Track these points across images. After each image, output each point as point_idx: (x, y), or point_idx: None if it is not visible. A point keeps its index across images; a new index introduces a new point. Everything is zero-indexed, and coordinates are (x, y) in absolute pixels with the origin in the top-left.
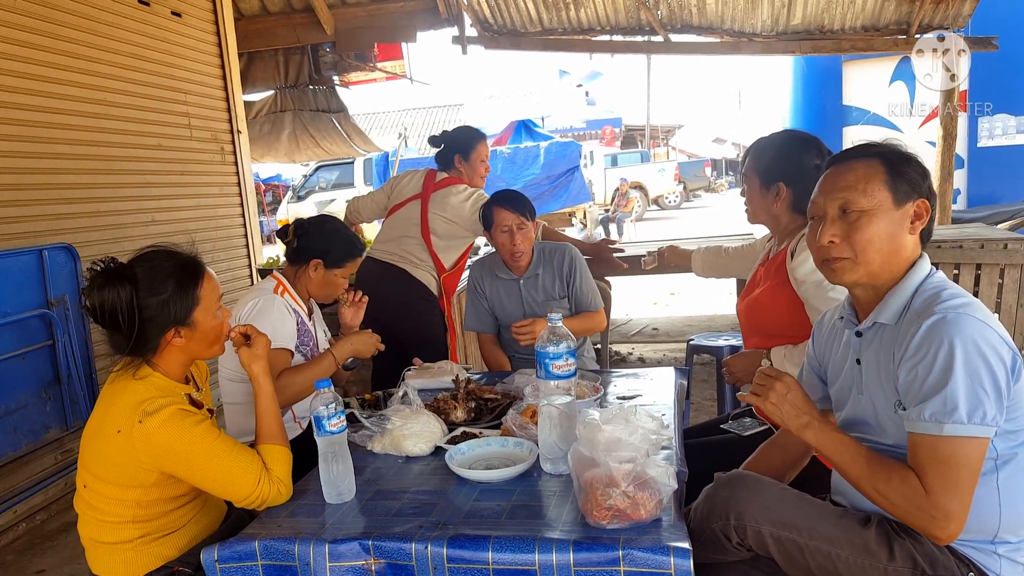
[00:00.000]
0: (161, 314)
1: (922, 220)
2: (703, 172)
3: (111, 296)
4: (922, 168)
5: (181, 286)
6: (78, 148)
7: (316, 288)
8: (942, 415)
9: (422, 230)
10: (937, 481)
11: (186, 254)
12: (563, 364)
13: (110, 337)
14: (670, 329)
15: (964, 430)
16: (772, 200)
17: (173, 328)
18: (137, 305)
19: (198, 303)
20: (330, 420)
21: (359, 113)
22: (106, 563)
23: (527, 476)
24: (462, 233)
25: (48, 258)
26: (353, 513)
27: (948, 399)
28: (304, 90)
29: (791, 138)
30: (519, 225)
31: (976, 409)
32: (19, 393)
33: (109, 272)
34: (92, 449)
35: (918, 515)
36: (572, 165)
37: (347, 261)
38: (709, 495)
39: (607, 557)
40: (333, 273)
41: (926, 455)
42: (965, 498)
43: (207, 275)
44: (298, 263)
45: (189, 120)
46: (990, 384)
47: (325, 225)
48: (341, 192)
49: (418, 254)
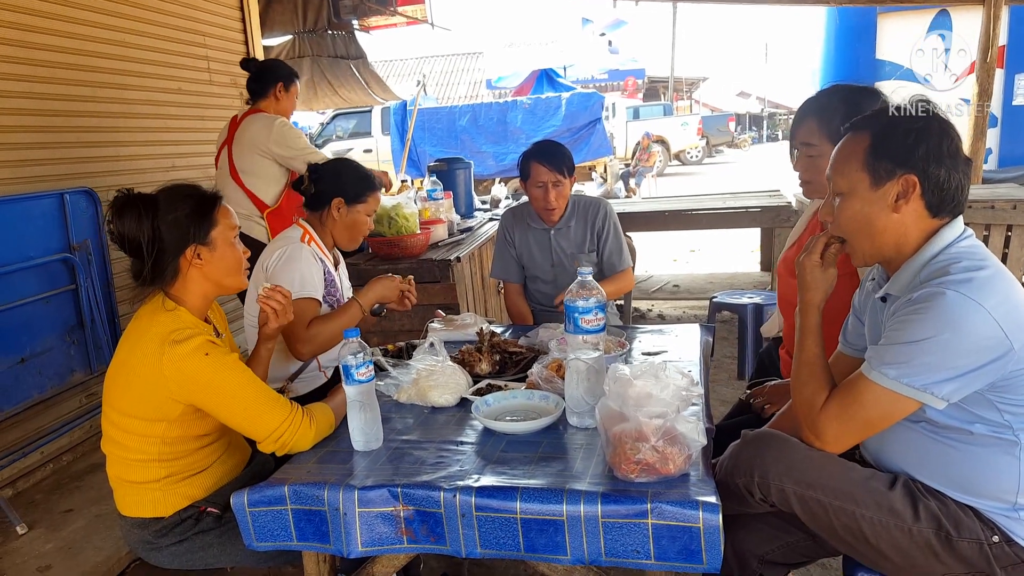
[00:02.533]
0: (180, 229)
1: (907, 197)
2: (727, 127)
3: (132, 216)
4: (914, 136)
5: (199, 205)
6: (98, 91)
7: (341, 231)
8: (876, 360)
9: (232, 173)
10: (835, 405)
11: (203, 187)
12: (593, 319)
13: (132, 266)
14: (691, 286)
15: (884, 381)
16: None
17: (193, 246)
18: (157, 223)
19: (216, 224)
20: (358, 369)
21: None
22: (134, 502)
23: (553, 429)
24: (264, 161)
25: (69, 202)
26: (381, 461)
27: (893, 351)
28: (323, 35)
29: (853, 90)
30: (555, 182)
31: (912, 374)
32: (44, 336)
33: (130, 197)
34: (118, 382)
35: (804, 420)
36: (594, 117)
37: (367, 194)
38: (734, 452)
39: (635, 510)
40: (356, 211)
41: (849, 383)
42: (847, 431)
43: (224, 205)
44: (319, 208)
45: (208, 64)
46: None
47: (338, 165)
48: (358, 141)
49: (238, 201)
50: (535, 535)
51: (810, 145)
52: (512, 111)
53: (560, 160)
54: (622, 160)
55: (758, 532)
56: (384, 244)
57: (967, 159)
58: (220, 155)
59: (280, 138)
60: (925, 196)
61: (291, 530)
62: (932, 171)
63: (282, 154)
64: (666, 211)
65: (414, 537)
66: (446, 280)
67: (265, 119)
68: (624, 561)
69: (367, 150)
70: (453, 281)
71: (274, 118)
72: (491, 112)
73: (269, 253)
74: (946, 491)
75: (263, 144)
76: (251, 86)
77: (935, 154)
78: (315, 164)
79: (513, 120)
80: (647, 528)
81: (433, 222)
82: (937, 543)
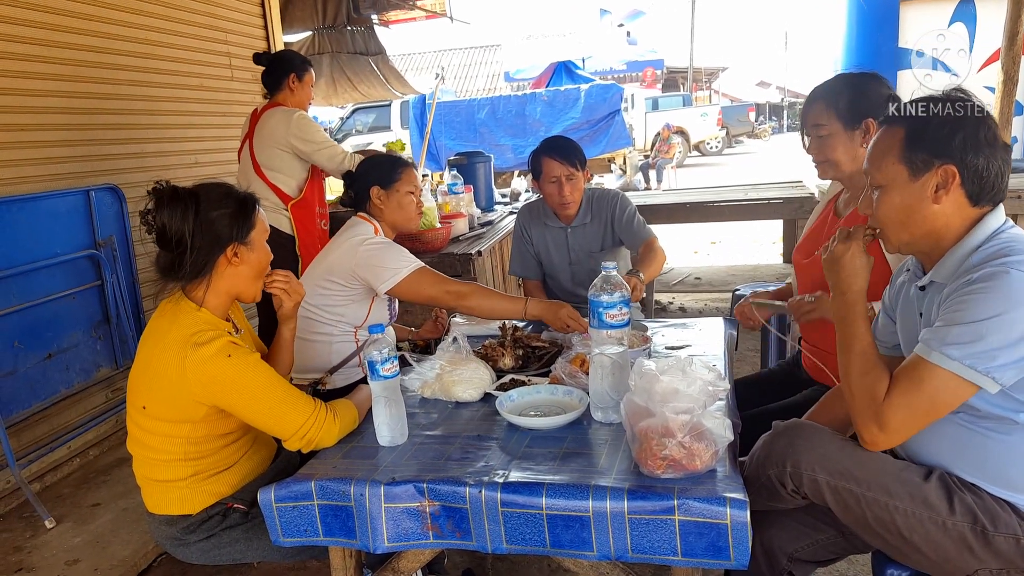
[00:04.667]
0: (224, 228)
1: (947, 188)
2: (747, 117)
3: (177, 209)
4: (950, 127)
5: (242, 205)
6: (122, 89)
7: (392, 215)
8: (936, 341)
9: (254, 167)
10: (898, 393)
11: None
12: (617, 313)
13: (166, 260)
14: (712, 278)
15: (947, 364)
16: (861, 140)
17: (234, 244)
18: (200, 218)
19: (255, 225)
20: (384, 365)
21: (396, 54)
22: (161, 501)
23: (578, 424)
24: (285, 156)
25: (95, 199)
26: (407, 456)
27: (955, 332)
28: (342, 31)
29: (859, 75)
30: (568, 176)
31: (977, 355)
32: (70, 332)
33: (174, 190)
34: (142, 385)
35: (865, 413)
36: (613, 109)
37: (399, 171)
38: (767, 442)
39: (662, 506)
40: (395, 190)
41: (907, 369)
42: (911, 420)
43: (259, 207)
44: (365, 203)
45: (230, 60)
46: (1013, 343)
47: (364, 162)
48: (378, 135)
49: (262, 194)
50: (561, 531)
51: (819, 126)
52: (531, 104)
53: (572, 153)
54: (641, 152)
55: (788, 529)
56: (405, 239)
57: (1006, 146)
58: (242, 149)
59: (299, 132)
60: (965, 185)
61: (317, 525)
62: (970, 160)
63: (302, 148)
64: (687, 203)
65: (440, 532)
66: (467, 274)
67: (283, 113)
68: (651, 558)
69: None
70: (474, 275)
71: (292, 112)
72: (510, 105)
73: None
74: (982, 484)
75: (282, 139)
76: (265, 80)
77: (972, 143)
78: (347, 171)
79: (532, 113)
80: (674, 524)
81: (454, 216)
82: (972, 537)
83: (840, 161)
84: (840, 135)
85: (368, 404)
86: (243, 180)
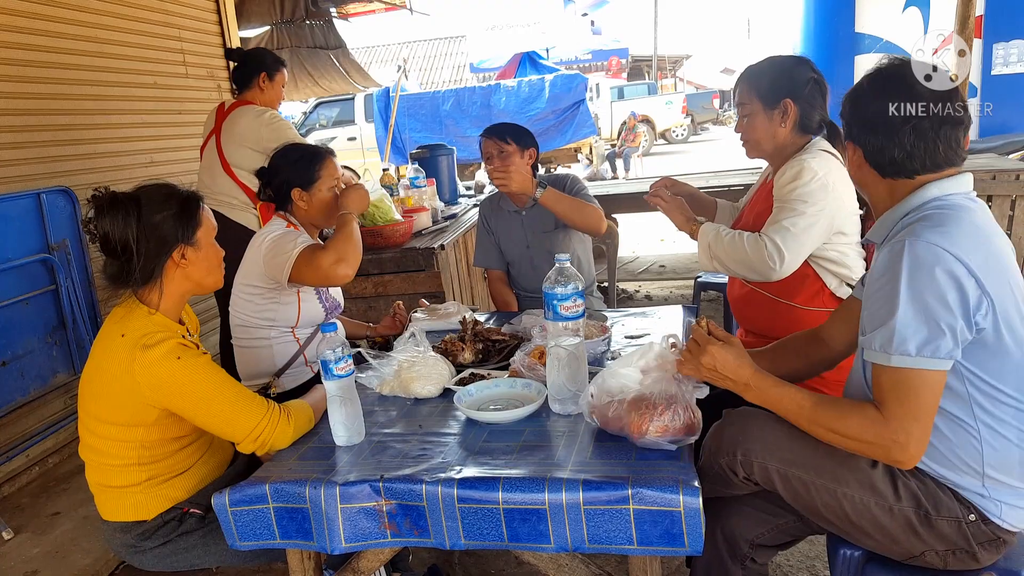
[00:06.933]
0: (168, 231)
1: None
2: (711, 104)
3: (117, 216)
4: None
5: (184, 205)
6: (73, 88)
7: (317, 214)
8: (889, 345)
9: (223, 164)
10: (896, 408)
11: (181, 187)
12: (572, 305)
13: (114, 267)
14: (677, 266)
15: (912, 362)
16: (780, 120)
17: (180, 246)
18: (143, 224)
19: (200, 223)
20: (338, 364)
21: (357, 47)
22: (116, 507)
23: (536, 417)
24: (255, 155)
25: (47, 202)
26: (363, 455)
27: (896, 329)
28: (301, 25)
29: (782, 58)
30: (499, 152)
31: (926, 343)
32: (25, 338)
33: (113, 197)
34: (93, 390)
35: (878, 443)
36: (578, 98)
37: (318, 168)
38: (717, 431)
39: (616, 496)
40: (317, 190)
41: (885, 384)
42: (925, 422)
43: (203, 205)
44: (287, 204)
45: (184, 57)
46: (942, 315)
47: (276, 160)
48: (342, 129)
49: (231, 192)
50: (518, 525)
51: (743, 105)
52: (496, 95)
53: (502, 131)
54: (608, 141)
55: (749, 517)
56: (367, 235)
57: (904, 119)
58: (207, 144)
59: (270, 133)
60: (868, 159)
61: (274, 529)
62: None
63: (273, 148)
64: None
65: (397, 531)
66: (431, 268)
67: (253, 112)
68: (607, 547)
69: (351, 138)
70: (438, 269)
71: (262, 111)
72: (475, 96)
73: (259, 244)
74: (923, 467)
75: (252, 139)
76: (235, 76)
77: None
78: (261, 169)
79: (497, 103)
80: (629, 514)
81: (416, 210)
82: (917, 521)
83: (760, 140)
84: (760, 114)
85: (324, 404)
86: (208, 177)
